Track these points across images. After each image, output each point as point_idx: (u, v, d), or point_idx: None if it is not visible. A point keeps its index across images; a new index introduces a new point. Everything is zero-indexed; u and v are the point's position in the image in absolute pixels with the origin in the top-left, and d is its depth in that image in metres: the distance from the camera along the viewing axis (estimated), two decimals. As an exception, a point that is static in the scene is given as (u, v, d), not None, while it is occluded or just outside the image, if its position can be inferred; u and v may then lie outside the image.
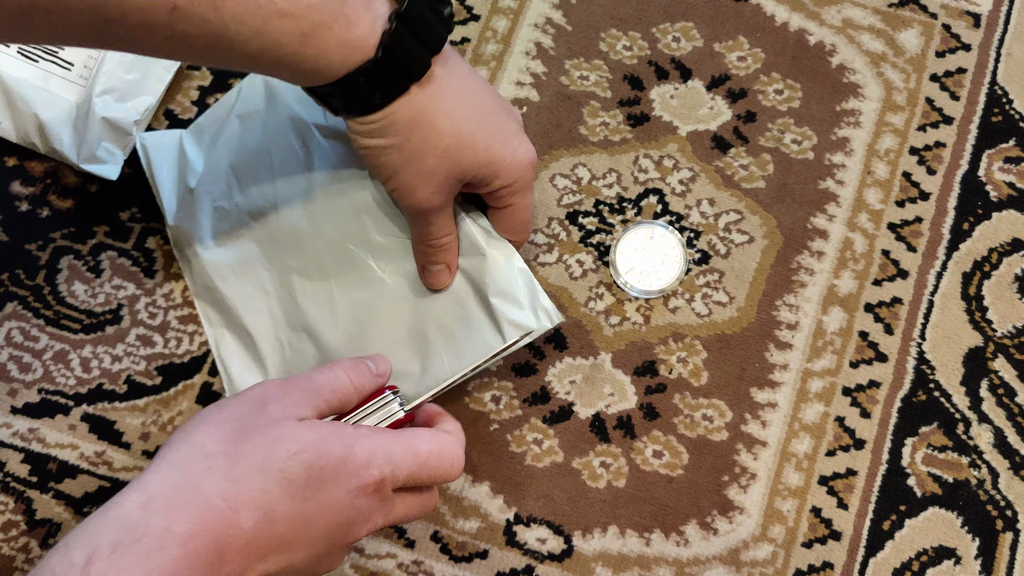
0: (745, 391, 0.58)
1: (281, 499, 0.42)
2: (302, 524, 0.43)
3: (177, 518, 0.40)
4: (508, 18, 0.65)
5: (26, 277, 0.60)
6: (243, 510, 0.41)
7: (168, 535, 0.39)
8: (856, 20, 0.65)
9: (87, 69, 0.59)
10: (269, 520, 0.42)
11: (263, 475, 0.42)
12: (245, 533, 0.41)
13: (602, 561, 0.56)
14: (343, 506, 0.44)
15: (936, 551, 0.56)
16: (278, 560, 0.43)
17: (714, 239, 0.61)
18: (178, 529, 0.39)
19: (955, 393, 0.59)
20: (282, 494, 0.42)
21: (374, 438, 0.45)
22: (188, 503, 0.40)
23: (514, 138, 0.51)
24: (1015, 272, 0.61)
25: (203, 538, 0.40)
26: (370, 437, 0.45)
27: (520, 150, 0.51)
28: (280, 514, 0.42)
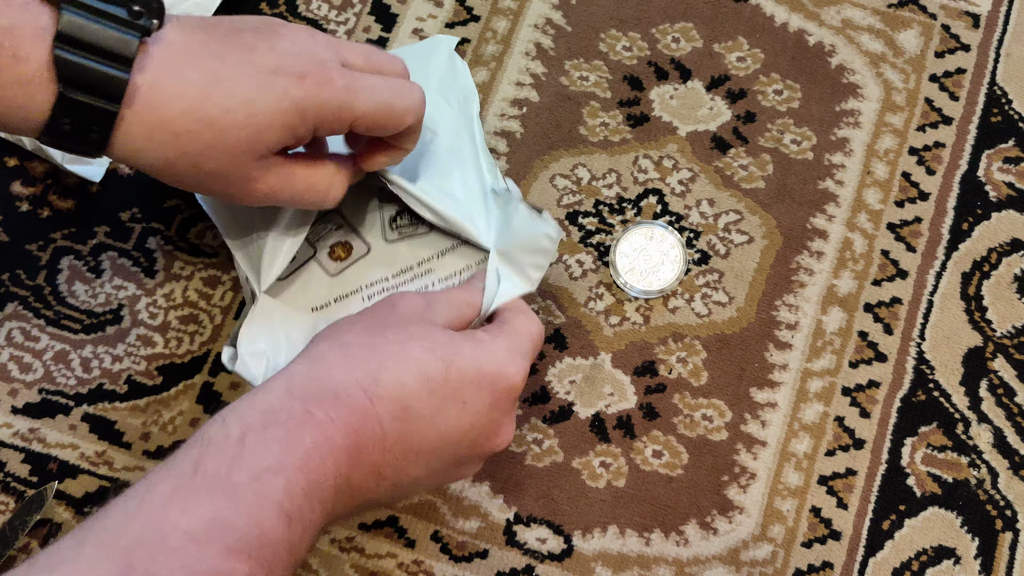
0: (745, 391, 0.58)
1: (419, 394, 0.42)
2: (441, 424, 0.43)
3: (315, 404, 0.41)
4: (508, 19, 0.65)
5: (27, 277, 0.60)
6: (381, 401, 0.42)
7: (309, 419, 0.40)
8: (855, 20, 0.65)
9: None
10: (407, 415, 0.42)
11: (401, 366, 0.42)
12: (383, 424, 0.42)
13: (602, 561, 0.56)
14: (481, 413, 0.44)
15: (936, 551, 0.56)
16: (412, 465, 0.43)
17: (714, 239, 0.61)
18: (319, 415, 0.40)
19: (954, 393, 0.59)
20: (421, 389, 0.42)
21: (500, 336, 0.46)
22: (326, 391, 0.41)
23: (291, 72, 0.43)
24: (1014, 272, 0.61)
25: (342, 425, 0.41)
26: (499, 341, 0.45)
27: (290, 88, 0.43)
28: (419, 410, 0.42)
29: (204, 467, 0.38)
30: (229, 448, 0.39)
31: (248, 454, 0.39)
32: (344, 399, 0.41)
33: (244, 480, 0.38)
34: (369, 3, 0.66)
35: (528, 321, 0.48)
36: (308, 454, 0.40)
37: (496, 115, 0.63)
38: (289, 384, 0.42)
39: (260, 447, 0.39)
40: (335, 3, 0.66)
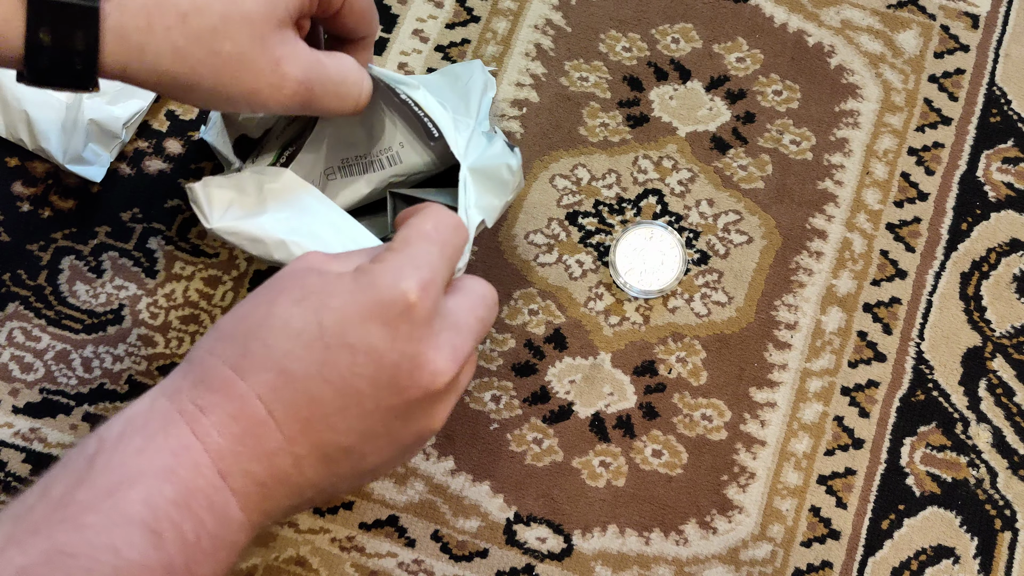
0: (744, 391, 0.58)
1: (293, 352, 0.36)
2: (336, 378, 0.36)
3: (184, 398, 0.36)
4: (508, 19, 0.65)
5: (28, 277, 0.60)
6: (252, 373, 0.36)
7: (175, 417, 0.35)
8: (855, 21, 0.65)
9: (87, 70, 0.60)
10: (287, 380, 0.36)
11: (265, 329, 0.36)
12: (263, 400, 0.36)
13: (602, 560, 0.56)
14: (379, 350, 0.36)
15: (935, 550, 0.56)
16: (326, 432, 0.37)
17: (713, 239, 0.61)
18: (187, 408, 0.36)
19: (954, 393, 0.59)
20: (293, 347, 0.36)
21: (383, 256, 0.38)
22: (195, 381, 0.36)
23: None
24: (1013, 272, 0.61)
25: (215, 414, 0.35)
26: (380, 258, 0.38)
27: None
28: (299, 371, 0.36)
29: (48, 495, 0.33)
30: (78, 467, 0.34)
31: (98, 470, 0.34)
32: (213, 384, 0.36)
33: (90, 500, 0.33)
34: (369, 4, 0.66)
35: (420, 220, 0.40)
36: (174, 457, 0.34)
37: (496, 115, 0.63)
38: (162, 387, 0.37)
39: (115, 460, 0.34)
40: (335, 4, 0.66)
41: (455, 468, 0.57)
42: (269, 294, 0.38)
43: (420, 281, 0.37)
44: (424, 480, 0.57)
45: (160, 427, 0.35)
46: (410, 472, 0.57)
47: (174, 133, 0.63)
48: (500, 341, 0.59)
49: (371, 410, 0.37)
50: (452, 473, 0.57)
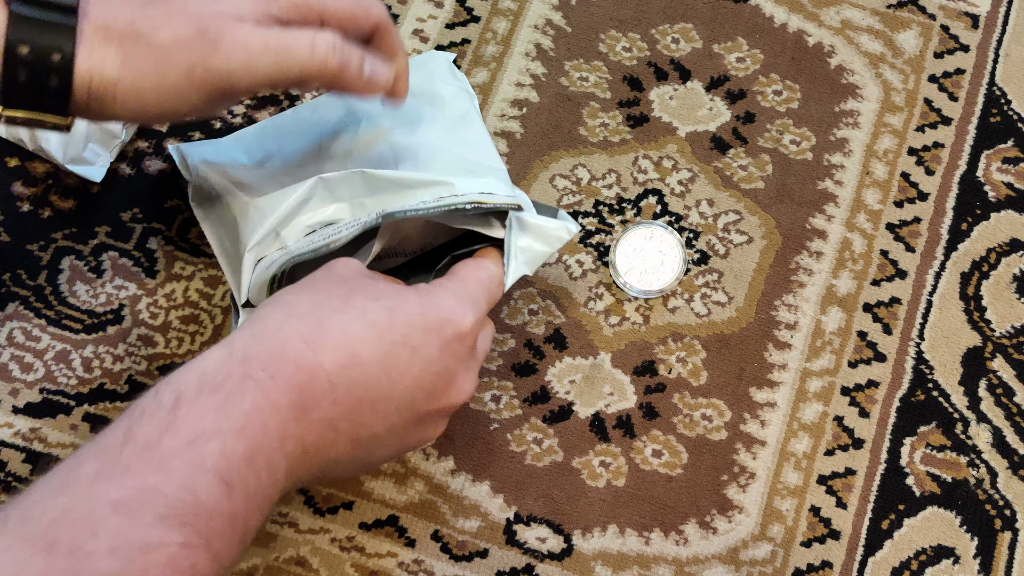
0: (744, 391, 0.58)
1: (366, 339, 0.41)
2: (393, 370, 0.41)
3: (255, 365, 0.39)
4: (508, 19, 0.65)
5: (28, 277, 0.60)
6: (325, 350, 0.40)
7: (248, 381, 0.38)
8: (855, 21, 0.65)
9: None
10: (355, 362, 0.40)
11: (344, 314, 0.41)
12: (329, 375, 0.40)
13: (602, 560, 0.56)
14: (432, 360, 0.42)
15: (935, 550, 0.56)
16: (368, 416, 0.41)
17: (713, 239, 0.61)
18: (259, 375, 0.39)
19: (954, 393, 0.59)
20: (366, 334, 0.41)
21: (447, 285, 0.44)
22: (268, 350, 0.40)
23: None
24: (1013, 272, 0.61)
25: (284, 381, 0.39)
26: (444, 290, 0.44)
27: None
28: (367, 357, 0.40)
29: (134, 438, 0.36)
30: (161, 416, 0.37)
31: (180, 421, 0.37)
32: (286, 355, 0.40)
33: (176, 447, 0.36)
34: (369, 4, 0.66)
35: (477, 267, 0.47)
36: (247, 417, 0.38)
37: (496, 115, 0.63)
38: (229, 348, 0.40)
39: (193, 413, 0.37)
40: (335, 4, 0.66)
41: (455, 468, 0.57)
42: (342, 288, 0.42)
43: (475, 315, 0.44)
44: (424, 480, 0.57)
45: (236, 388, 0.38)
46: (410, 472, 0.57)
47: (174, 133, 0.63)
48: (500, 341, 0.59)
49: (405, 408, 0.42)
50: (452, 473, 0.57)
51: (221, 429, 0.37)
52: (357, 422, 0.41)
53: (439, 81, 0.58)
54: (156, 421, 0.37)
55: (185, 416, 0.37)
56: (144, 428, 0.37)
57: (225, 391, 0.38)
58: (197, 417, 0.37)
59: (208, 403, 0.38)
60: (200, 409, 0.37)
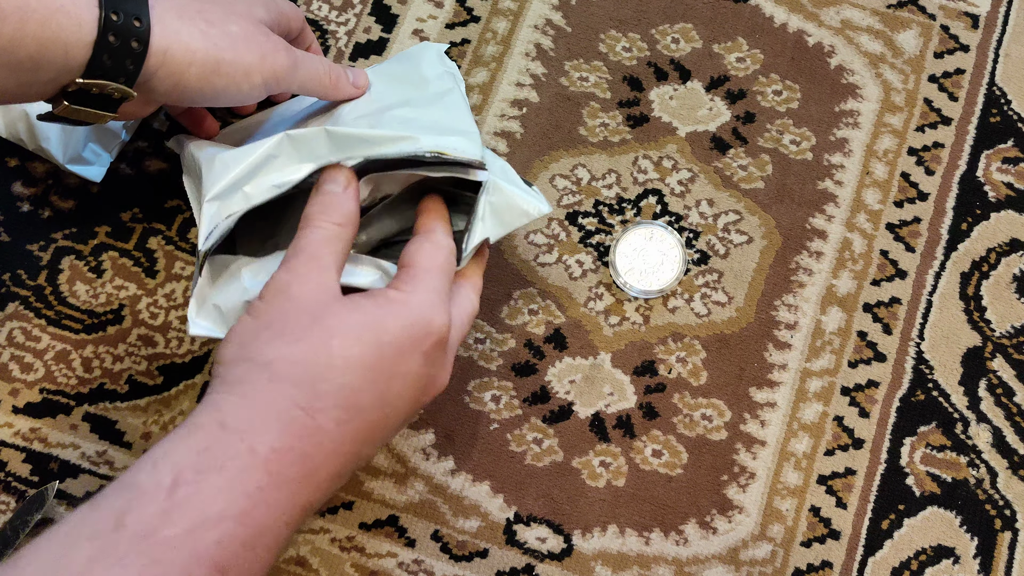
0: (744, 391, 0.58)
1: (362, 388, 0.41)
2: (386, 405, 0.42)
3: (258, 439, 0.38)
4: (508, 19, 0.65)
5: (28, 277, 0.60)
6: (325, 413, 0.40)
7: (253, 457, 0.38)
8: (855, 21, 0.65)
9: (88, 70, 0.60)
10: (355, 414, 0.41)
11: (333, 371, 0.40)
12: (332, 436, 0.40)
13: (602, 560, 0.56)
14: (418, 375, 0.43)
15: (935, 550, 0.56)
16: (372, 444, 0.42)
17: (713, 239, 0.61)
18: (261, 450, 0.38)
19: (953, 393, 0.59)
20: (361, 383, 0.41)
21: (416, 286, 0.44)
22: (264, 421, 0.39)
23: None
24: (1013, 272, 0.61)
25: (288, 454, 0.39)
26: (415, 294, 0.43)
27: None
28: (366, 403, 0.41)
29: (130, 522, 0.35)
30: (159, 499, 0.36)
31: (179, 507, 0.36)
32: (286, 427, 0.39)
33: (173, 538, 0.35)
34: (369, 4, 0.66)
35: (434, 251, 0.46)
36: (252, 501, 0.37)
37: (496, 115, 0.63)
38: (220, 417, 0.39)
39: (195, 498, 0.36)
40: (335, 4, 0.66)
41: (455, 468, 0.57)
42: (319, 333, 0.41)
43: (446, 314, 0.44)
44: (424, 480, 0.57)
45: (239, 470, 0.38)
46: (410, 472, 0.57)
47: (174, 133, 0.63)
48: (500, 341, 0.59)
49: (399, 422, 0.44)
50: (452, 473, 0.57)
51: (224, 517, 0.37)
52: (358, 456, 0.42)
53: (425, 65, 0.57)
54: (154, 507, 0.36)
55: (185, 501, 0.36)
56: (141, 513, 0.36)
57: (229, 472, 0.37)
58: (199, 503, 0.36)
59: (211, 485, 0.37)
60: (202, 493, 0.37)
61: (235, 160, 0.49)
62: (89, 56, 0.43)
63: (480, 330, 0.59)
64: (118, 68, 0.44)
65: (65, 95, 0.44)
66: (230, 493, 0.37)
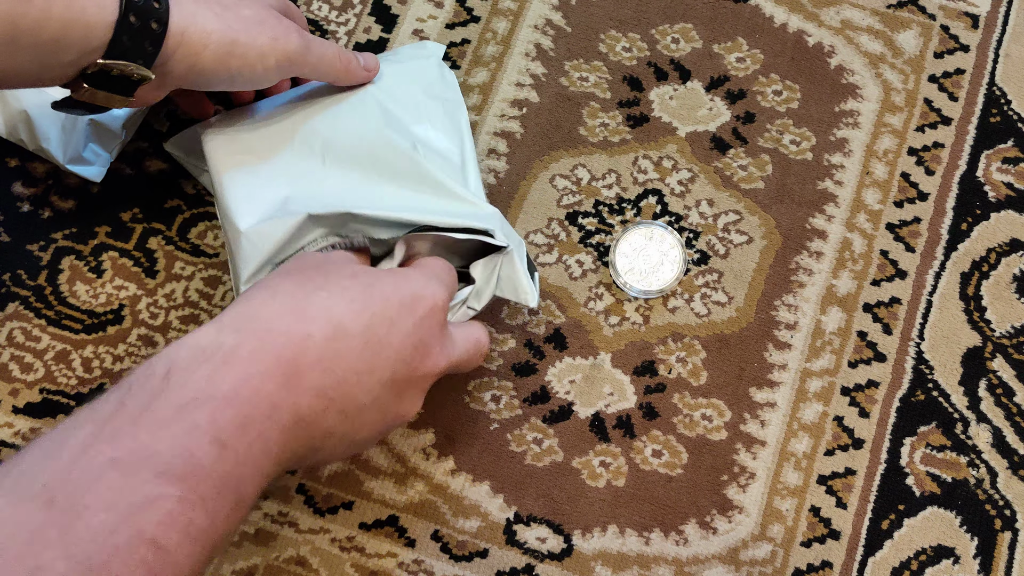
0: (744, 391, 0.58)
1: (349, 313, 0.43)
2: (373, 341, 0.43)
3: (245, 336, 0.41)
4: (508, 19, 0.65)
5: (28, 277, 0.60)
6: (312, 322, 0.42)
7: (239, 351, 0.40)
8: (855, 21, 0.65)
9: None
10: (340, 333, 0.42)
11: (325, 291, 0.43)
12: (318, 345, 0.42)
13: (602, 560, 0.56)
14: (408, 333, 0.45)
15: (935, 550, 0.56)
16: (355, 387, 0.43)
17: (713, 239, 0.61)
18: (249, 344, 0.41)
19: (953, 393, 0.59)
20: (349, 308, 0.43)
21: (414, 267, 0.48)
22: (257, 326, 0.41)
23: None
24: (1013, 272, 0.61)
25: (274, 351, 0.41)
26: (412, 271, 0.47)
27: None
28: (351, 328, 0.43)
29: (127, 404, 0.38)
30: (153, 383, 0.39)
31: (172, 388, 0.38)
32: (274, 326, 0.42)
33: (168, 411, 0.38)
34: (369, 4, 0.66)
35: (436, 259, 0.51)
36: (238, 384, 0.39)
37: (496, 115, 0.63)
38: (219, 324, 0.42)
39: (185, 381, 0.39)
40: (335, 4, 0.66)
41: (455, 468, 0.57)
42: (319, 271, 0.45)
43: (440, 293, 0.47)
44: (424, 480, 0.57)
45: (226, 357, 0.40)
46: (410, 472, 0.57)
47: (175, 133, 0.63)
48: (500, 341, 0.59)
49: (386, 379, 0.44)
50: (452, 473, 0.57)
51: (212, 395, 0.39)
52: (345, 392, 0.43)
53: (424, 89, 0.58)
54: (149, 387, 0.38)
55: (176, 383, 0.39)
56: (137, 395, 0.38)
57: (215, 361, 0.40)
58: (188, 384, 0.39)
59: (199, 372, 0.39)
60: (191, 377, 0.39)
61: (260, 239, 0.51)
62: (110, 37, 0.44)
63: (480, 330, 0.59)
64: (137, 49, 0.45)
65: (84, 77, 0.45)
66: (217, 377, 0.39)
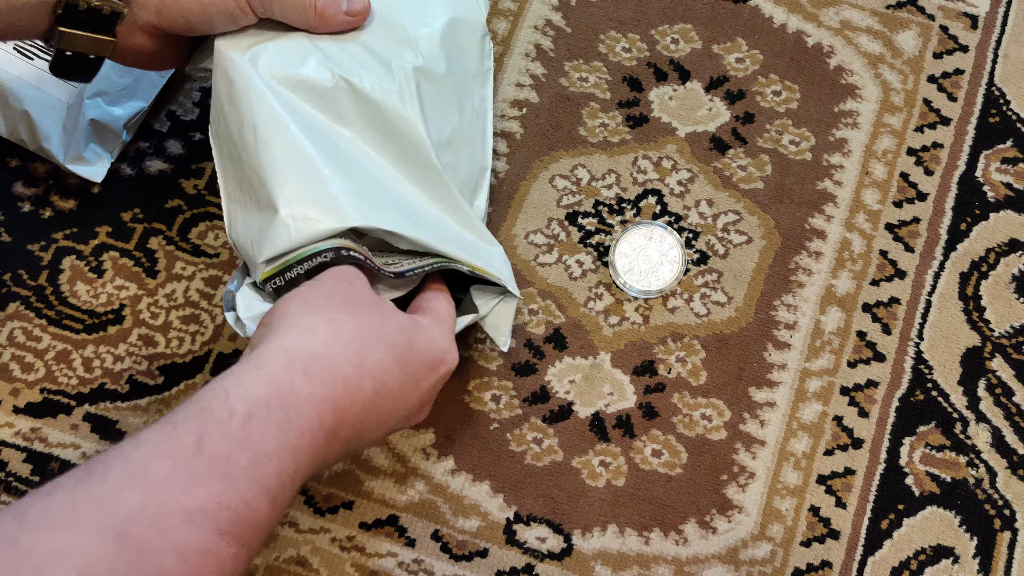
0: (743, 391, 0.59)
1: (392, 370, 0.45)
2: (402, 398, 0.46)
3: (317, 383, 0.42)
4: (508, 20, 0.65)
5: (28, 277, 0.60)
6: (366, 376, 0.44)
7: (309, 400, 0.41)
8: (854, 21, 0.65)
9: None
10: (383, 390, 0.44)
11: (380, 344, 0.45)
12: (365, 400, 0.43)
13: (601, 560, 0.56)
14: (426, 391, 0.47)
15: (934, 550, 0.56)
16: (378, 428, 0.45)
17: (712, 240, 0.61)
18: (318, 395, 0.41)
19: (953, 393, 0.59)
20: (393, 366, 0.45)
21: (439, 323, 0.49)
22: (325, 368, 0.42)
23: None
24: (1012, 272, 0.61)
25: (332, 403, 0.42)
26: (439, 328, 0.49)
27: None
28: (391, 385, 0.45)
29: (207, 446, 0.38)
30: (234, 428, 0.39)
31: (251, 438, 0.39)
32: (339, 376, 0.43)
33: (244, 465, 0.39)
34: (369, 4, 0.66)
35: (447, 303, 0.52)
36: (301, 438, 0.41)
37: (496, 116, 0.63)
38: (291, 358, 0.42)
39: (265, 431, 0.40)
40: (336, 4, 0.66)
41: (455, 468, 0.57)
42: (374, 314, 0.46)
43: (456, 354, 0.49)
44: (424, 480, 0.57)
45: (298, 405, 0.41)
46: (410, 472, 0.57)
47: (175, 133, 0.63)
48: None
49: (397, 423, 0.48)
50: (452, 473, 0.57)
51: (282, 450, 0.40)
52: (363, 437, 0.45)
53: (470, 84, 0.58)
54: (229, 433, 0.39)
55: (256, 433, 0.39)
56: (217, 439, 0.39)
57: (288, 408, 0.41)
58: (268, 436, 0.40)
59: (273, 419, 0.40)
60: (270, 428, 0.40)
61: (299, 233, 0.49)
62: None
63: (480, 330, 0.59)
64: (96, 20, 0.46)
65: (57, 20, 0.46)
66: (287, 427, 0.40)
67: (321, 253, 0.48)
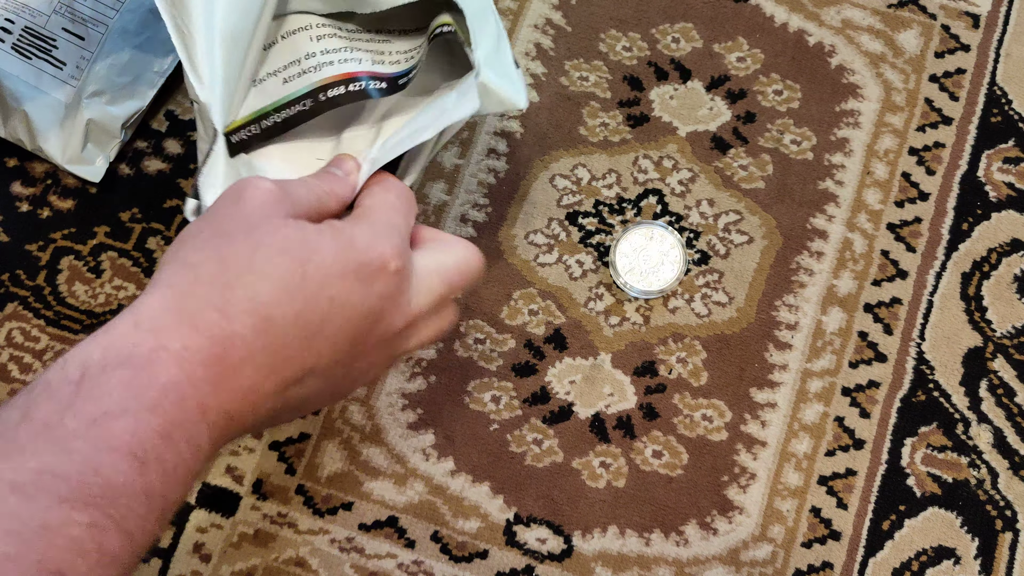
0: (744, 391, 0.58)
1: (277, 301, 0.39)
2: (310, 324, 0.40)
3: (170, 335, 0.38)
4: (508, 19, 0.65)
5: (26, 278, 0.60)
6: (237, 317, 0.39)
7: (161, 353, 0.37)
8: (855, 21, 0.65)
9: (79, 69, 0.59)
10: (268, 326, 0.39)
11: (251, 276, 0.39)
12: (246, 341, 0.39)
13: (602, 561, 0.56)
14: (358, 297, 0.41)
15: (936, 551, 0.56)
16: (295, 368, 0.40)
17: (713, 239, 0.61)
18: (173, 346, 0.37)
19: (954, 393, 0.59)
20: (276, 295, 0.39)
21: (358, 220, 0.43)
22: (179, 319, 0.38)
23: None
24: (1014, 272, 0.61)
25: (201, 352, 0.38)
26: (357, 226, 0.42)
27: None
28: (279, 317, 0.39)
29: (33, 415, 0.35)
30: (64, 392, 0.36)
31: (83, 398, 0.36)
32: (199, 325, 0.38)
33: (77, 427, 0.35)
34: (369, 3, 0.66)
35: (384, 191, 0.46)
36: (162, 392, 0.36)
37: (496, 115, 0.63)
38: (136, 317, 0.38)
39: (99, 389, 0.36)
40: (335, 3, 0.66)
41: (455, 469, 0.57)
42: (248, 240, 0.40)
43: (393, 245, 0.42)
44: (424, 481, 0.57)
45: (147, 361, 0.37)
46: (410, 472, 0.57)
47: (173, 133, 0.63)
48: (500, 341, 0.59)
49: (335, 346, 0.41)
50: (452, 474, 0.57)
51: (130, 407, 0.36)
52: (283, 376, 0.40)
53: None
54: (58, 398, 0.36)
55: (88, 393, 0.36)
56: (44, 406, 0.36)
57: (134, 365, 0.37)
58: (105, 393, 0.36)
59: (116, 378, 0.36)
60: (106, 385, 0.36)
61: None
62: None
63: (480, 330, 0.59)
64: None
65: None
66: (138, 385, 0.36)
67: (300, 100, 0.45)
